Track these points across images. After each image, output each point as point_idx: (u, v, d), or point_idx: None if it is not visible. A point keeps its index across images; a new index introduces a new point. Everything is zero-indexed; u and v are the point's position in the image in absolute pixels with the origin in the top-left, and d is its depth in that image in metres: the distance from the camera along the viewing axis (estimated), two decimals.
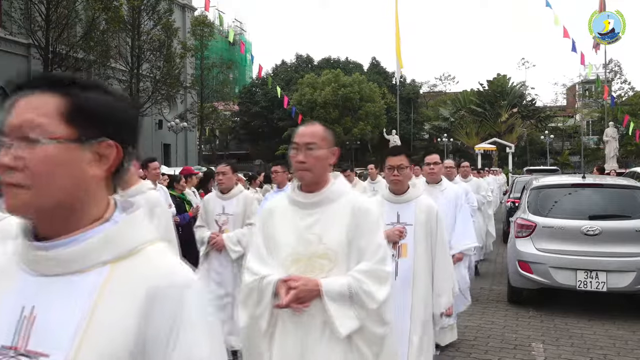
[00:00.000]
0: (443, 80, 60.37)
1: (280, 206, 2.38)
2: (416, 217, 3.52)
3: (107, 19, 24.02)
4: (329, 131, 2.34)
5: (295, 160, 2.24)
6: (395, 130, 35.23)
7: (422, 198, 3.61)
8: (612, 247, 6.14)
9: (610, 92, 35.82)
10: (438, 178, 4.89)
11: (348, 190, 2.36)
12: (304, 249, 2.23)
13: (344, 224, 2.24)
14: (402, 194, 3.60)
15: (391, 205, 3.61)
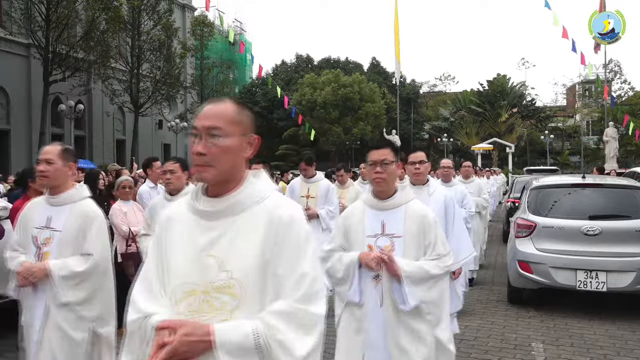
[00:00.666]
0: (443, 80, 60.39)
1: (181, 213, 1.73)
2: (406, 227, 2.90)
3: (107, 19, 24.02)
4: (245, 112, 1.73)
5: (193, 152, 1.63)
6: (395, 130, 35.27)
7: (413, 203, 3.00)
8: (612, 247, 6.14)
9: (610, 92, 35.82)
10: (424, 179, 4.21)
11: (269, 193, 1.70)
12: (198, 277, 1.61)
13: (256, 242, 1.61)
14: (388, 198, 2.96)
15: (375, 213, 2.96)
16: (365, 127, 39.60)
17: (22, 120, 26.66)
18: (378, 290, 2.90)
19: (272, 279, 1.59)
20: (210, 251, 1.61)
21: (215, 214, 1.65)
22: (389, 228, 2.91)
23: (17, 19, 23.10)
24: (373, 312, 2.90)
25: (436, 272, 2.90)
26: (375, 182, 2.92)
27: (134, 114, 27.97)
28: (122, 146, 32.86)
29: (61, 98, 25.19)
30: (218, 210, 1.64)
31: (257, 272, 1.59)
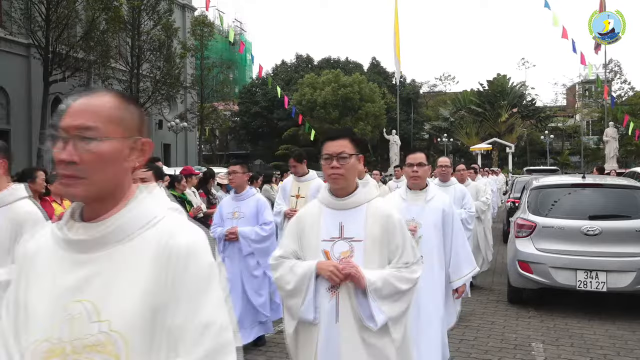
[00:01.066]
0: (443, 80, 60.38)
1: (46, 246, 1.30)
2: (367, 229, 2.49)
3: (107, 19, 23.99)
4: (130, 107, 1.30)
5: (56, 160, 1.22)
6: (395, 130, 35.24)
7: (376, 202, 2.59)
8: (612, 247, 6.14)
9: (610, 92, 35.81)
10: (423, 183, 3.79)
11: (162, 214, 1.29)
12: (63, 331, 1.20)
13: (140, 281, 1.21)
14: (347, 196, 2.56)
15: (332, 213, 2.56)
16: (365, 127, 39.57)
17: (22, 120, 26.65)
18: (333, 305, 2.45)
19: (165, 332, 1.19)
20: (79, 295, 1.20)
21: (88, 244, 1.23)
22: (348, 231, 2.49)
23: (17, 19, 23.08)
24: (328, 330, 2.45)
25: (405, 288, 2.48)
26: (332, 178, 2.49)
27: None
28: None
29: (61, 98, 25.17)
30: (92, 239, 1.23)
31: (145, 323, 1.19)
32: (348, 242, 2.48)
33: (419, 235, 3.64)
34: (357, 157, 2.54)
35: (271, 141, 44.30)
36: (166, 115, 34.29)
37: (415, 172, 3.77)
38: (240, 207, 5.34)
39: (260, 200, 5.52)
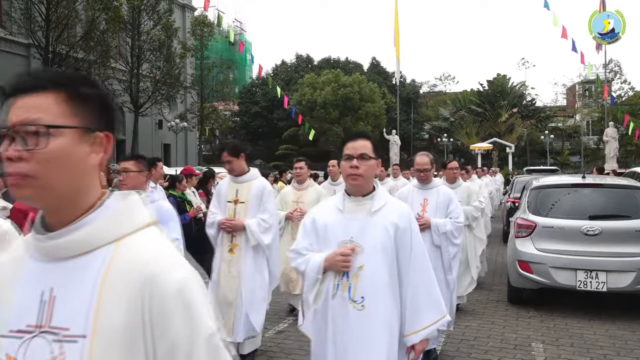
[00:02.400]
0: (443, 80, 60.40)
1: None
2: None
3: (107, 19, 24.01)
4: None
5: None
6: (395, 130, 35.24)
7: None
8: (612, 247, 6.14)
9: (610, 92, 35.80)
10: (366, 186, 2.63)
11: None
12: None
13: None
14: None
15: None
16: (365, 127, 39.55)
17: None
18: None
19: None
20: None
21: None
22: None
23: (17, 19, 23.09)
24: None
25: None
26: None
27: (134, 114, 27.95)
28: (122, 146, 32.81)
29: None
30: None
31: None
32: None
33: (359, 265, 2.47)
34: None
35: (271, 141, 44.31)
36: (166, 115, 34.29)
37: (355, 168, 2.49)
38: None
39: None
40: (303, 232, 2.68)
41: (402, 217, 2.57)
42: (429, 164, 4.82)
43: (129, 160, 3.95)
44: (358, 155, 2.50)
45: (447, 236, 4.60)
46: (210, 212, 4.89)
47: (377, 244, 2.49)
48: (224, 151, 4.70)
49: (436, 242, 4.58)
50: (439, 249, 4.60)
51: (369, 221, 2.53)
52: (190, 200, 7.84)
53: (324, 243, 2.59)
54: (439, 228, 4.60)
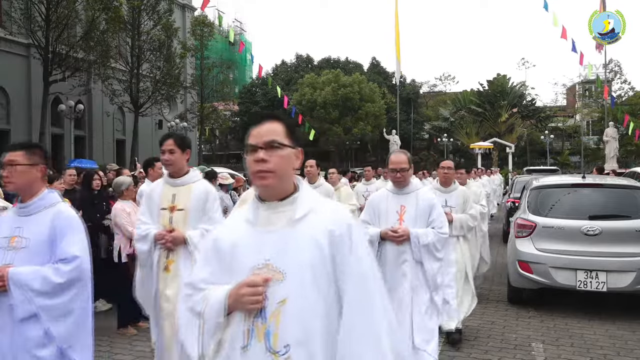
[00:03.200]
0: (443, 80, 60.37)
1: None
2: None
3: (107, 19, 23.98)
4: None
5: None
6: (395, 130, 35.25)
7: None
8: (612, 247, 6.14)
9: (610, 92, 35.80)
10: (282, 187, 1.85)
11: None
12: None
13: None
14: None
15: None
16: (365, 127, 39.61)
17: (22, 120, 26.65)
18: None
19: None
20: None
21: None
22: None
23: (17, 19, 23.07)
24: None
25: None
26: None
27: (134, 114, 27.94)
28: (122, 146, 32.84)
29: (61, 98, 25.17)
30: None
31: None
32: None
33: (280, 298, 1.72)
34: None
35: None
36: (166, 115, 34.28)
37: (261, 162, 1.77)
38: None
39: None
40: (202, 257, 1.94)
41: (338, 222, 1.78)
42: (406, 163, 3.99)
43: (17, 151, 2.85)
44: (264, 143, 1.76)
45: (428, 249, 3.91)
46: (140, 222, 3.94)
47: (303, 266, 1.71)
48: (170, 138, 3.89)
49: (417, 256, 3.91)
50: (421, 265, 3.91)
51: (290, 234, 1.76)
52: None
53: (230, 271, 1.78)
54: (420, 239, 3.90)
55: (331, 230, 1.75)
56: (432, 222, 3.98)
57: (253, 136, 1.81)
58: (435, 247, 3.92)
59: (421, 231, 3.94)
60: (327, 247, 1.74)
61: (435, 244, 3.92)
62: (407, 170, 4.01)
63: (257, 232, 1.80)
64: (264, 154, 1.76)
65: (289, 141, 1.81)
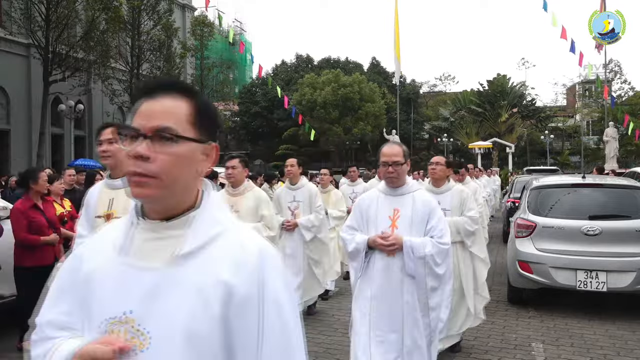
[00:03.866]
0: (443, 80, 60.36)
1: None
2: None
3: (107, 19, 23.98)
4: None
5: None
6: (395, 130, 35.26)
7: None
8: (612, 247, 6.14)
9: (610, 92, 35.80)
10: (163, 201, 1.19)
11: None
12: None
13: None
14: None
15: None
16: (365, 127, 39.59)
17: (22, 120, 26.65)
18: None
19: None
20: None
21: None
22: None
23: (17, 19, 23.07)
24: None
25: None
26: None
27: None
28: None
29: (61, 98, 25.17)
30: None
31: None
32: None
33: None
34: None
35: (271, 141, 44.29)
36: None
37: (139, 159, 1.14)
38: None
39: None
40: (54, 286, 1.33)
41: (245, 269, 1.15)
42: (400, 156, 3.39)
43: None
44: (150, 130, 1.14)
45: (425, 262, 3.30)
46: (80, 236, 3.06)
47: (176, 332, 1.12)
48: (109, 129, 3.04)
49: (409, 269, 3.31)
50: (413, 279, 3.35)
51: (168, 278, 1.15)
52: None
53: (87, 319, 1.21)
54: (414, 250, 3.30)
55: (229, 284, 1.12)
56: (430, 229, 3.37)
57: (137, 117, 1.17)
58: (434, 261, 3.30)
59: (417, 240, 3.31)
60: (217, 307, 1.12)
61: (435, 256, 3.29)
62: (401, 164, 3.40)
63: (123, 266, 1.18)
64: (145, 147, 1.14)
65: (193, 131, 1.18)
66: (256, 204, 5.02)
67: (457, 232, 4.74)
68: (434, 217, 3.42)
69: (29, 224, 5.07)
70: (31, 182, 5.21)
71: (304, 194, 6.21)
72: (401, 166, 3.40)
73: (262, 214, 5.04)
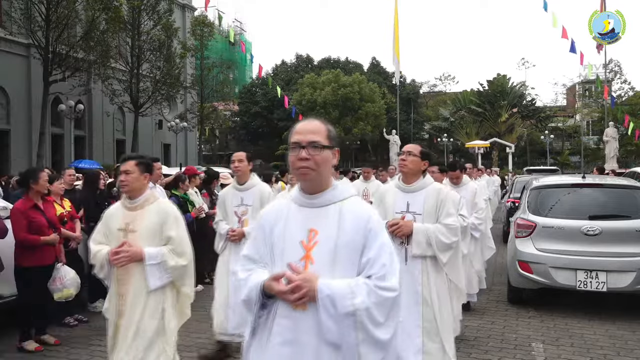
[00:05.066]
0: (443, 80, 60.44)
1: None
2: None
3: (107, 19, 23.99)
4: None
5: None
6: (395, 130, 35.28)
7: None
8: (612, 247, 6.14)
9: (610, 92, 35.82)
10: None
11: None
12: None
13: None
14: None
15: None
16: (365, 127, 39.60)
17: (22, 120, 26.66)
18: None
19: None
20: None
21: None
22: None
23: (17, 19, 23.07)
24: None
25: None
26: None
27: (134, 114, 27.95)
28: (122, 146, 32.84)
29: (61, 98, 25.18)
30: None
31: None
32: None
33: None
34: None
35: (271, 141, 44.31)
36: (166, 115, 34.31)
37: None
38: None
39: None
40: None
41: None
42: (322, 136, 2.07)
43: None
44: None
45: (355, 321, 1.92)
46: None
47: None
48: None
49: (329, 334, 1.92)
50: (337, 351, 1.95)
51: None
52: (193, 200, 7.85)
53: None
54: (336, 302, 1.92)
55: None
56: (367, 265, 1.99)
57: None
58: (372, 318, 1.94)
59: (340, 285, 1.94)
60: None
61: (372, 311, 1.94)
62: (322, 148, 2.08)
63: None
64: None
65: None
66: (160, 221, 3.54)
67: (427, 244, 3.67)
68: (374, 243, 2.01)
69: (29, 224, 5.07)
70: (31, 182, 5.21)
71: (254, 196, 4.93)
72: (320, 151, 2.01)
73: (169, 235, 3.52)
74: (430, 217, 3.76)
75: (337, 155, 2.12)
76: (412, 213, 3.75)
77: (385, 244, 2.06)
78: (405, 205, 3.78)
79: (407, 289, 3.46)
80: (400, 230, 3.65)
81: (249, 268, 2.14)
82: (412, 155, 3.80)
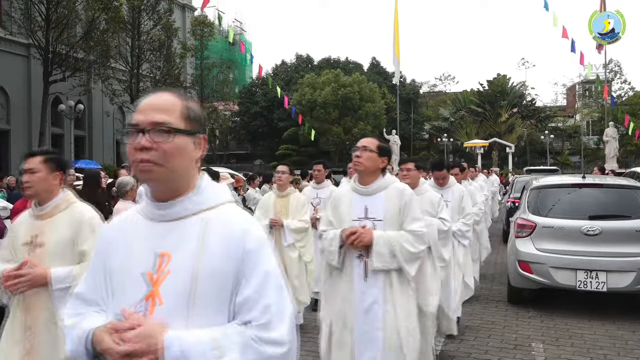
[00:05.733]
0: (443, 80, 60.39)
1: None
2: None
3: (107, 19, 24.01)
4: None
5: None
6: (395, 130, 35.29)
7: None
8: (612, 247, 6.14)
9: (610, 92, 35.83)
10: None
11: None
12: None
13: None
14: None
15: None
16: (365, 127, 39.57)
17: (22, 120, 26.67)
18: None
19: None
20: None
21: None
22: None
23: (17, 19, 23.09)
24: None
25: None
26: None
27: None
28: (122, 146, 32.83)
29: (61, 98, 25.19)
30: None
31: None
32: None
33: None
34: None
35: (271, 141, 44.32)
36: None
37: None
38: None
39: None
40: None
41: None
42: (174, 115, 1.50)
43: None
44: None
45: None
46: None
47: None
48: None
49: None
50: None
51: None
52: None
53: None
54: None
55: None
56: (243, 306, 1.41)
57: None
58: None
59: (199, 342, 1.36)
60: None
61: None
62: (167, 133, 1.54)
63: None
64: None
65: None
66: (73, 232, 2.82)
67: (391, 255, 3.13)
68: (254, 272, 1.43)
69: None
70: None
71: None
72: (171, 137, 1.43)
73: (82, 249, 2.80)
74: (393, 223, 3.18)
75: (202, 144, 1.50)
76: (371, 220, 3.18)
77: (270, 273, 1.42)
78: (363, 211, 3.22)
79: (366, 312, 3.06)
80: (359, 240, 3.05)
81: (79, 312, 1.51)
82: (368, 151, 3.18)
